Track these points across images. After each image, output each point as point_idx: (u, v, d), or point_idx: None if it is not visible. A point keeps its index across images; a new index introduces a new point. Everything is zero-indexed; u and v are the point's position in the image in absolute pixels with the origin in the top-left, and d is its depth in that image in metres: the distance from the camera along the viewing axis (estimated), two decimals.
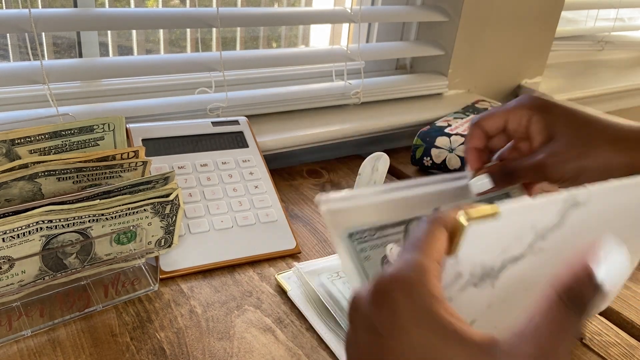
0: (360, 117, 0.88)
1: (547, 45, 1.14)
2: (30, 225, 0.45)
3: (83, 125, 0.51)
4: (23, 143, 0.49)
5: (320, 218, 0.70)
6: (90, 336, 0.47)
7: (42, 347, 0.46)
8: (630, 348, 0.53)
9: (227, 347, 0.48)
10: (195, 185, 0.63)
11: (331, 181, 0.80)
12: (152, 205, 0.51)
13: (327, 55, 0.89)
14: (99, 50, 0.79)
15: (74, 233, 0.48)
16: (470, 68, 1.04)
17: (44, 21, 0.63)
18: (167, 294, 0.53)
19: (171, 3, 0.88)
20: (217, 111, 0.77)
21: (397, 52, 0.98)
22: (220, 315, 0.51)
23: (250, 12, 0.79)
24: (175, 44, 0.91)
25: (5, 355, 0.45)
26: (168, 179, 0.53)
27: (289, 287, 0.55)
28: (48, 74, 0.64)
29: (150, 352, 0.46)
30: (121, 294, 0.52)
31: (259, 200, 0.64)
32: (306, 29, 1.04)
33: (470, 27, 0.98)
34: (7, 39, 0.75)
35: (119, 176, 0.54)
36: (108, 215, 0.49)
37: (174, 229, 0.55)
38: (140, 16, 0.72)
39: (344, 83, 0.90)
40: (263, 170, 0.68)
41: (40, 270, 0.48)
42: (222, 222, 0.61)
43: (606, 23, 1.39)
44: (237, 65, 0.79)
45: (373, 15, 0.91)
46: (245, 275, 0.57)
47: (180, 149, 0.65)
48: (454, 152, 0.80)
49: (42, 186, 0.49)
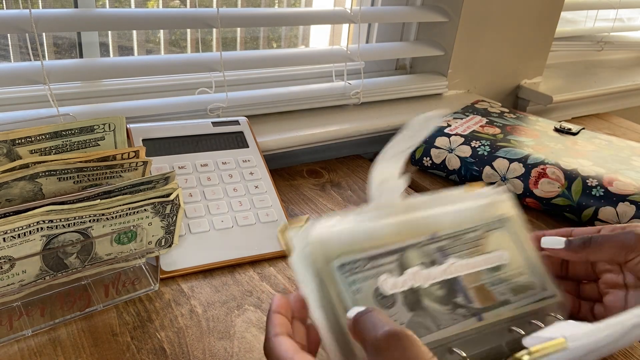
0: (360, 117, 0.88)
1: (547, 45, 1.14)
2: (31, 225, 0.45)
3: (83, 125, 0.52)
4: (24, 143, 0.49)
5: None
6: (91, 336, 0.47)
7: (43, 346, 0.46)
8: (630, 348, 0.53)
9: (227, 347, 0.48)
10: (195, 185, 0.63)
11: (331, 181, 0.80)
12: (153, 205, 0.51)
13: (327, 55, 0.89)
14: (99, 50, 0.79)
15: (75, 233, 0.48)
16: (470, 68, 1.04)
17: (45, 21, 0.63)
18: (168, 294, 0.54)
19: (171, 3, 0.88)
20: (217, 111, 0.77)
21: (397, 52, 0.98)
22: (220, 315, 0.52)
23: (250, 12, 0.79)
24: (175, 44, 0.91)
25: (6, 355, 0.45)
26: (168, 179, 0.53)
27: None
28: (49, 74, 0.64)
29: (150, 351, 0.46)
30: (122, 293, 0.52)
31: (259, 200, 0.65)
32: (306, 29, 1.04)
33: (470, 27, 0.99)
34: (7, 39, 0.75)
35: (120, 176, 0.54)
36: (108, 215, 0.49)
37: (174, 228, 0.55)
38: (141, 16, 0.72)
39: (344, 83, 0.90)
40: (263, 170, 0.68)
41: (40, 270, 0.48)
42: (223, 222, 0.61)
43: (606, 23, 1.39)
44: (237, 65, 0.80)
45: (373, 15, 0.91)
46: (245, 275, 0.58)
47: (180, 149, 0.65)
48: (454, 152, 0.80)
49: (43, 186, 0.49)
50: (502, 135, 0.82)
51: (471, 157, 0.79)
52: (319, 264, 0.38)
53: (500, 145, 0.79)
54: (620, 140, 0.86)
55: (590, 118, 1.23)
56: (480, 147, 0.79)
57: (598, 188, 0.70)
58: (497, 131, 0.84)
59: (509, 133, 0.84)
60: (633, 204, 0.67)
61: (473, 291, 0.42)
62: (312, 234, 0.38)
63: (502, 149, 0.78)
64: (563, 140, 0.83)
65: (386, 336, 0.32)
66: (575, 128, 0.87)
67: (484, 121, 0.87)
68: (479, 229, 0.45)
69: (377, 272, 0.39)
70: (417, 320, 0.39)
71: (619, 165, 0.75)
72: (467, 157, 0.79)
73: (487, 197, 0.46)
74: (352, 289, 0.38)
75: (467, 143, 0.80)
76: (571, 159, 0.76)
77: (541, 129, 0.87)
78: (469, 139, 0.81)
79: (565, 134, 0.86)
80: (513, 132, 0.84)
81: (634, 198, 0.68)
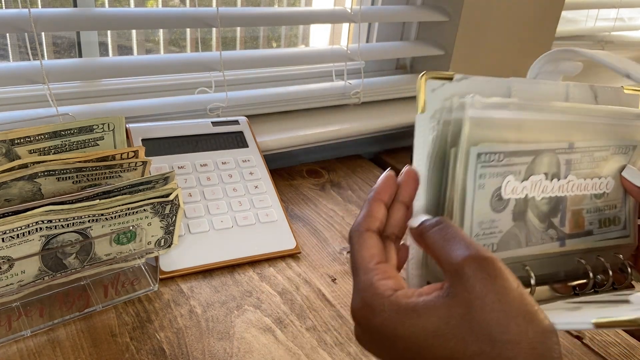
0: (360, 117, 0.88)
1: (548, 45, 1.14)
2: (30, 225, 0.45)
3: (83, 125, 0.51)
4: (23, 143, 0.49)
5: (320, 218, 0.70)
6: (90, 336, 0.47)
7: (42, 347, 0.46)
8: (630, 348, 0.53)
9: (227, 347, 0.48)
10: (195, 185, 0.63)
11: (331, 181, 0.80)
12: (152, 205, 0.51)
13: (327, 55, 0.88)
14: (98, 50, 0.79)
15: (74, 233, 0.48)
16: (470, 68, 1.04)
17: (44, 21, 0.63)
18: (167, 294, 0.53)
19: (171, 3, 0.88)
20: (217, 111, 0.77)
21: (397, 52, 0.98)
22: (220, 315, 0.51)
23: (250, 12, 0.79)
24: (175, 44, 0.91)
25: (5, 356, 0.45)
26: (168, 179, 0.53)
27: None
28: (48, 74, 0.64)
29: (150, 352, 0.46)
30: (121, 294, 0.52)
31: (259, 200, 0.64)
32: (306, 29, 1.04)
33: (470, 27, 0.98)
34: (6, 39, 0.75)
35: (119, 176, 0.54)
36: (108, 216, 0.49)
37: (173, 229, 0.55)
38: (140, 16, 0.71)
39: (344, 83, 0.90)
40: (263, 170, 0.68)
41: (39, 271, 0.48)
42: (222, 222, 0.61)
43: (606, 23, 1.39)
44: (237, 65, 0.79)
45: (373, 15, 0.91)
46: (245, 275, 0.57)
47: (180, 149, 0.65)
48: None
49: (42, 186, 0.49)
50: None
51: None
52: (464, 144, 0.34)
53: None
54: None
55: None
56: None
57: None
58: None
59: None
60: None
61: (570, 214, 0.40)
62: (469, 111, 0.34)
63: None
64: None
65: (468, 261, 0.29)
66: None
67: None
68: (609, 149, 0.42)
69: (506, 171, 0.36)
70: (515, 232, 0.37)
71: None
72: None
73: (634, 117, 0.43)
74: (479, 183, 0.35)
75: None
76: None
77: None
78: None
79: None
80: None
81: None
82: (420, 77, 0.35)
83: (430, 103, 0.35)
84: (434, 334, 0.29)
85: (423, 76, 0.35)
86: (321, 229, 0.67)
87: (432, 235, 0.32)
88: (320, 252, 0.63)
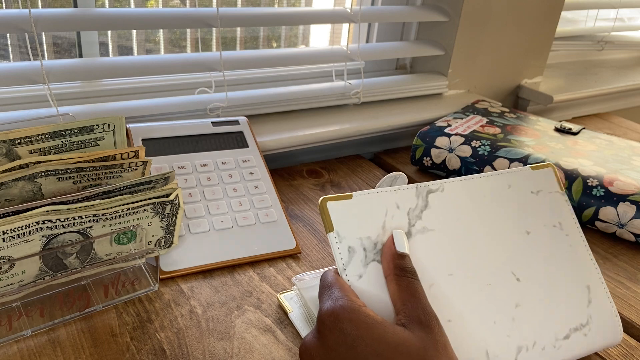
0: (360, 117, 0.88)
1: (547, 45, 1.14)
2: (31, 225, 0.45)
3: (83, 125, 0.51)
4: (23, 143, 0.49)
5: (320, 218, 0.70)
6: (90, 336, 0.47)
7: (42, 347, 0.46)
8: (630, 348, 0.53)
9: (227, 348, 0.48)
10: (195, 186, 0.63)
11: (331, 181, 0.80)
12: (152, 205, 0.51)
13: (327, 55, 0.89)
14: (99, 50, 0.79)
15: (74, 233, 0.48)
16: (470, 68, 1.04)
17: (44, 21, 0.63)
18: (167, 294, 0.53)
19: (171, 3, 0.88)
20: (217, 111, 0.77)
21: (397, 52, 0.98)
22: (220, 315, 0.51)
23: (250, 12, 0.79)
24: (175, 44, 0.91)
25: (5, 356, 0.45)
26: (168, 179, 0.53)
27: (290, 309, 0.52)
28: (48, 74, 0.64)
29: (150, 352, 0.46)
30: (121, 294, 0.52)
31: (259, 200, 0.64)
32: (306, 29, 1.04)
33: (470, 27, 0.98)
34: (7, 39, 0.75)
35: (119, 176, 0.54)
36: (108, 215, 0.49)
37: (174, 229, 0.55)
38: (140, 16, 0.72)
39: (344, 83, 0.90)
40: (263, 170, 0.68)
41: (40, 270, 0.48)
42: (222, 222, 0.61)
43: (606, 23, 1.39)
44: (237, 65, 0.79)
45: (373, 15, 0.91)
46: (245, 276, 0.57)
47: (180, 149, 0.65)
48: (454, 152, 0.80)
49: (42, 186, 0.49)
50: (502, 135, 0.82)
51: (471, 157, 0.79)
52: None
53: (500, 145, 0.79)
54: (621, 140, 0.86)
55: (590, 118, 1.23)
56: (480, 147, 0.79)
57: (599, 188, 0.70)
58: (497, 131, 0.84)
59: (509, 133, 0.83)
60: (634, 203, 0.67)
61: None
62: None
63: (503, 149, 0.78)
64: (563, 140, 0.83)
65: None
66: (575, 128, 0.87)
67: (484, 121, 0.87)
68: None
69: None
70: None
71: (619, 165, 0.75)
72: (468, 157, 0.79)
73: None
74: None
75: (468, 143, 0.80)
76: (572, 159, 0.75)
77: (542, 129, 0.87)
78: (469, 138, 0.81)
79: (566, 134, 0.86)
80: (513, 132, 0.84)
81: (634, 198, 0.68)
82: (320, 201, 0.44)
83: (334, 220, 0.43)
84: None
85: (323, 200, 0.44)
86: (321, 229, 0.67)
87: None
88: (320, 252, 0.63)
